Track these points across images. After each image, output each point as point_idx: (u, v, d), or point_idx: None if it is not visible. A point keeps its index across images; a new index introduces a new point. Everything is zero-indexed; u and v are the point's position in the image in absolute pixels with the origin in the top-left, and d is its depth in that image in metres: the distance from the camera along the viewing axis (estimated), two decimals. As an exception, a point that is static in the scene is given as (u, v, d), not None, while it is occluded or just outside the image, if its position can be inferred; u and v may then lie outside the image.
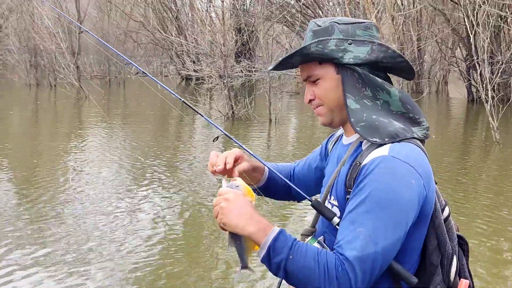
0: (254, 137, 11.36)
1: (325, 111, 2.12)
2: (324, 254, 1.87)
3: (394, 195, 1.89)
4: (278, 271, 1.88)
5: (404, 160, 1.95)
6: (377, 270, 1.91)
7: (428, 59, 22.88)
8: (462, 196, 6.67)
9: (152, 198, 6.47)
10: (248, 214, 1.85)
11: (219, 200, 1.86)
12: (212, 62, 14.35)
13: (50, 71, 21.56)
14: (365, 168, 1.97)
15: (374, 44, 2.03)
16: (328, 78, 2.05)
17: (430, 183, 2.00)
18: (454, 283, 2.13)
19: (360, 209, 1.91)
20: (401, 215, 1.91)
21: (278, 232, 1.86)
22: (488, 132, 10.87)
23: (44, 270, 4.29)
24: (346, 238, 1.91)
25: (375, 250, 1.85)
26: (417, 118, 2.14)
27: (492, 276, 4.15)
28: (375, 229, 1.87)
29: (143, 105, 16.12)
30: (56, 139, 10.74)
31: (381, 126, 2.02)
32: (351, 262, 1.85)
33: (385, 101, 2.09)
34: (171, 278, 4.21)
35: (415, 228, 2.02)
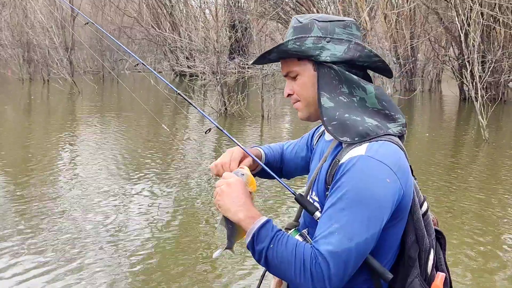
0: (247, 133, 11.41)
1: (302, 106, 2.19)
2: (302, 247, 1.94)
3: (369, 193, 1.96)
4: (260, 259, 1.95)
5: (380, 159, 2.01)
6: (351, 265, 1.97)
7: (421, 58, 22.97)
8: (452, 192, 6.76)
9: (145, 191, 6.52)
10: (241, 202, 1.94)
11: (221, 183, 1.95)
12: (206, 58, 14.38)
13: (43, 66, 21.50)
14: (343, 166, 2.03)
15: (351, 43, 2.09)
16: (306, 74, 2.11)
17: (407, 180, 2.06)
18: (431, 275, 2.21)
19: (337, 206, 1.98)
20: (375, 213, 1.98)
21: (265, 221, 1.94)
22: (478, 130, 10.96)
23: (34, 262, 4.34)
24: (322, 233, 1.98)
25: (349, 246, 1.92)
26: (392, 114, 2.20)
27: (481, 271, 4.22)
28: (350, 226, 1.94)
29: (137, 101, 16.12)
30: (50, 134, 10.75)
31: (352, 125, 2.08)
32: (325, 256, 1.91)
33: (361, 97, 2.14)
34: (162, 269, 4.27)
35: (393, 224, 2.09)
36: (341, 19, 2.14)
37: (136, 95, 16.61)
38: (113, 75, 23.06)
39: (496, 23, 16.24)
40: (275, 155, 2.60)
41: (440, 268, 2.27)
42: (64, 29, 22.35)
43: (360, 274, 2.14)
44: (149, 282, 4.04)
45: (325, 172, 2.13)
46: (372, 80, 2.29)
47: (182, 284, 4.04)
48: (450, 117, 15.71)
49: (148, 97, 16.72)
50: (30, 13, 21.67)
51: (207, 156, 8.93)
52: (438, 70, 23.13)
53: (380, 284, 2.16)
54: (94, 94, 18.03)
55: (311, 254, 1.93)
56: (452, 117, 15.62)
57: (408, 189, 2.08)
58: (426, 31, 20.23)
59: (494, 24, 16.18)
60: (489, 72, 13.29)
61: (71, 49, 20.74)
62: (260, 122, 12.68)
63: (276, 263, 1.93)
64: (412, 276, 2.12)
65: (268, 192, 6.59)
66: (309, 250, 1.95)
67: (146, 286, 3.98)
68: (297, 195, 2.23)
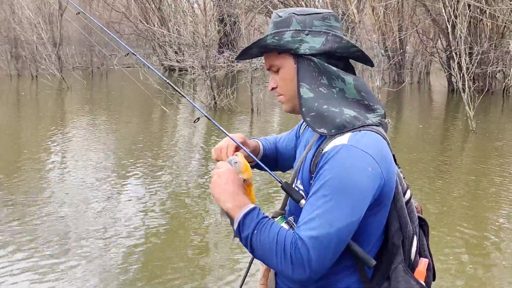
0: (237, 127, 11.44)
1: (285, 99, 2.24)
2: (283, 233, 2.00)
3: (350, 181, 2.02)
4: (246, 245, 2.01)
5: (362, 148, 2.07)
6: (331, 251, 2.02)
7: (410, 50, 23.06)
8: (440, 182, 6.84)
9: (136, 182, 6.58)
10: (230, 191, 1.99)
11: (214, 173, 2.01)
12: (194, 52, 14.37)
13: (32, 62, 21.35)
14: (326, 155, 2.09)
15: (329, 35, 2.14)
16: (287, 67, 2.16)
17: (389, 169, 2.12)
18: (414, 261, 2.27)
19: (318, 193, 2.04)
20: (356, 200, 2.03)
21: (250, 209, 1.99)
22: (466, 121, 11.07)
23: (24, 252, 4.36)
24: (304, 219, 2.04)
25: (329, 231, 1.98)
26: (371, 105, 2.25)
27: (467, 258, 4.30)
28: (330, 212, 2.00)
29: (127, 95, 16.09)
30: (39, 129, 10.73)
31: (329, 117, 2.13)
32: (305, 241, 1.97)
33: (340, 89, 2.20)
34: (153, 259, 4.31)
35: (375, 212, 2.15)
36: (320, 11, 2.19)
37: (127, 90, 16.58)
38: (102, 70, 23.00)
39: (483, 14, 16.34)
40: (271, 147, 2.66)
41: (424, 254, 2.33)
42: (52, 25, 22.20)
43: (344, 260, 2.20)
44: (142, 271, 4.08)
45: (309, 161, 2.18)
46: (354, 70, 2.34)
47: (175, 272, 4.08)
48: (438, 108, 15.83)
49: (139, 91, 16.66)
50: (18, 9, 21.50)
51: (197, 147, 8.96)
52: (426, 62, 23.23)
53: (364, 271, 2.22)
54: (84, 90, 17.96)
55: (291, 240, 1.99)
56: (440, 108, 15.73)
57: (390, 178, 2.13)
58: (414, 23, 20.29)
59: (481, 15, 16.28)
60: (476, 63, 13.41)
61: (59, 45, 20.60)
62: (250, 116, 12.71)
63: (260, 249, 1.99)
64: (396, 263, 2.18)
65: (260, 181, 6.65)
66: (290, 236, 2.00)
67: (138, 276, 4.01)
68: (283, 184, 2.29)
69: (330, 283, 2.23)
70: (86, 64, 24.94)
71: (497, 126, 11.93)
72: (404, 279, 2.16)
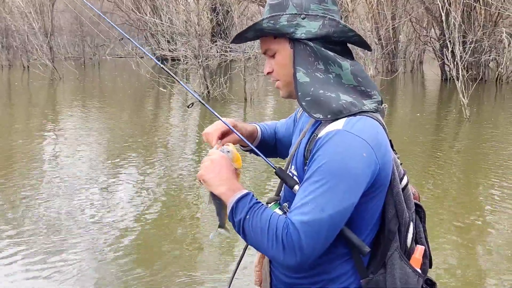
0: (230, 116, 11.40)
1: (281, 85, 2.20)
2: (276, 218, 1.96)
3: (344, 167, 1.98)
4: (239, 230, 1.98)
5: (357, 134, 2.03)
6: (323, 236, 1.99)
7: (403, 39, 23.02)
8: (435, 169, 6.84)
9: (129, 173, 6.53)
10: (224, 176, 1.96)
11: (206, 159, 1.98)
12: (187, 41, 14.27)
13: (23, 52, 21.20)
14: (320, 140, 2.05)
15: (326, 19, 2.09)
16: (283, 52, 2.11)
17: (385, 155, 2.08)
18: (410, 248, 2.24)
19: (312, 178, 2.00)
20: (350, 186, 1.99)
21: (244, 193, 1.95)
22: (460, 109, 11.07)
23: (16, 244, 4.32)
24: (296, 204, 2.01)
25: (321, 216, 1.94)
26: (368, 91, 2.21)
27: (459, 245, 4.29)
28: (322, 197, 1.96)
29: (119, 85, 16.00)
30: (31, 119, 10.65)
31: (325, 102, 2.09)
32: (296, 226, 1.94)
33: (337, 74, 2.15)
34: (146, 248, 4.28)
35: (370, 198, 2.11)
36: None
37: (120, 80, 16.49)
38: (94, 61, 22.87)
39: (476, 2, 16.31)
40: (270, 133, 2.62)
41: (420, 241, 2.30)
42: (43, 14, 21.99)
43: (338, 248, 2.16)
44: (137, 260, 4.05)
45: (304, 147, 2.15)
46: (352, 54, 2.29)
47: (171, 260, 4.05)
48: (432, 97, 15.84)
49: (132, 81, 16.61)
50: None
51: (191, 135, 8.92)
52: (420, 51, 23.21)
53: (360, 259, 2.19)
54: (76, 80, 17.85)
55: (283, 225, 1.95)
56: (434, 97, 15.74)
57: (385, 164, 2.09)
58: (408, 12, 20.25)
59: (474, 3, 16.25)
60: (470, 51, 13.39)
61: (51, 35, 20.43)
62: (243, 105, 12.66)
63: (252, 234, 1.95)
64: (392, 250, 2.15)
65: (256, 167, 6.63)
66: (282, 221, 1.97)
67: (134, 265, 3.98)
68: (277, 169, 2.25)
69: (324, 271, 2.20)
70: (78, 54, 24.77)
71: (490, 114, 11.94)
72: (399, 266, 2.13)
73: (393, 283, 2.11)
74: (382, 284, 2.13)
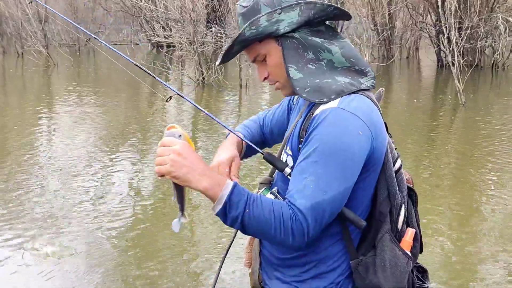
0: (225, 102, 11.37)
1: (281, 85, 2.17)
2: (278, 206, 1.95)
3: (342, 146, 1.97)
4: (234, 223, 1.94)
5: (352, 112, 2.02)
6: (327, 217, 1.99)
7: (399, 25, 22.93)
8: (430, 154, 6.85)
9: (125, 160, 6.50)
10: (200, 169, 1.85)
11: (166, 151, 1.82)
12: (182, 28, 14.19)
13: (17, 39, 21.02)
14: (315, 119, 2.04)
15: (301, 5, 2.06)
16: (273, 52, 2.09)
17: (379, 134, 2.08)
18: (401, 231, 2.24)
19: (309, 159, 1.99)
20: (348, 166, 1.99)
21: (233, 186, 1.92)
22: (455, 95, 11.07)
23: (11, 231, 4.31)
24: (296, 187, 1.99)
25: (323, 198, 1.94)
26: (362, 69, 2.21)
27: (454, 228, 4.30)
28: (324, 178, 1.95)
29: (115, 73, 15.92)
30: (27, 106, 10.59)
31: (325, 87, 2.08)
32: (302, 212, 1.93)
33: (328, 60, 2.14)
34: (141, 237, 4.27)
35: (363, 178, 2.10)
36: None
37: (114, 68, 16.41)
38: (89, 48, 22.71)
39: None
40: (254, 135, 2.58)
41: (411, 224, 2.30)
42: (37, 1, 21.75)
43: (331, 227, 2.16)
44: (132, 250, 4.05)
45: (300, 126, 2.13)
46: (337, 30, 2.27)
47: (166, 250, 4.05)
48: (428, 83, 15.82)
49: (127, 68, 16.47)
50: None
51: (186, 119, 8.90)
52: (415, 38, 23.13)
53: (350, 240, 2.19)
54: (71, 67, 17.74)
55: (289, 212, 1.94)
56: (430, 83, 15.73)
57: (380, 143, 2.09)
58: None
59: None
60: (466, 38, 13.35)
61: (45, 21, 20.26)
62: (239, 91, 12.62)
63: (254, 226, 1.93)
64: (383, 232, 2.15)
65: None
66: (286, 208, 1.95)
67: (130, 253, 3.99)
68: (265, 154, 2.24)
69: (315, 251, 2.20)
70: (72, 41, 24.59)
71: (486, 100, 11.95)
72: (390, 248, 2.13)
73: (383, 265, 2.11)
74: (372, 266, 2.13)
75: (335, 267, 2.19)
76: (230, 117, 9.56)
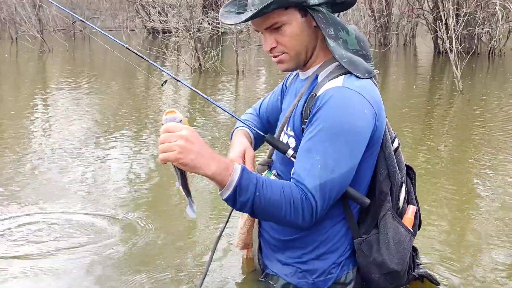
0: (222, 88, 11.32)
1: (289, 57, 2.17)
2: (288, 188, 1.95)
3: (348, 125, 1.97)
4: (243, 208, 1.92)
5: (357, 90, 2.03)
6: (334, 195, 2.00)
7: (396, 12, 22.85)
8: (428, 139, 6.86)
9: (123, 143, 6.49)
10: (208, 154, 1.82)
11: (172, 138, 1.76)
12: (178, 13, 14.10)
13: (11, 24, 20.86)
14: (320, 98, 2.04)
15: None
16: (294, 23, 2.09)
17: (380, 113, 2.10)
18: (402, 209, 2.26)
19: (316, 138, 1.98)
20: (355, 144, 2.00)
21: (241, 170, 1.89)
22: (452, 82, 11.07)
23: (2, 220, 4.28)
24: (304, 166, 1.99)
25: (332, 177, 1.95)
26: (368, 54, 2.24)
27: (455, 210, 4.31)
28: (331, 157, 1.96)
29: (110, 59, 15.84)
30: (21, 91, 10.54)
31: (358, 64, 2.10)
32: (311, 191, 1.94)
33: (344, 40, 2.15)
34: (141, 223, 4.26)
35: (365, 156, 2.11)
36: None
37: (110, 54, 16.32)
38: (84, 34, 22.55)
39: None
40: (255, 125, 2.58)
41: (411, 202, 2.33)
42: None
43: (333, 209, 2.16)
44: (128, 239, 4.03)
45: (302, 107, 2.13)
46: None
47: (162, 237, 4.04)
48: (425, 70, 15.81)
49: (123, 54, 16.37)
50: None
51: (183, 103, 8.85)
52: (412, 24, 23.08)
53: (353, 219, 2.19)
54: (66, 52, 17.63)
55: (299, 193, 1.94)
56: (427, 70, 15.72)
57: (381, 122, 2.10)
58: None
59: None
60: (464, 24, 13.32)
61: (40, 6, 20.08)
62: (235, 77, 12.57)
63: (264, 209, 1.93)
64: (384, 210, 2.17)
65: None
66: (296, 190, 1.96)
67: (128, 242, 3.97)
68: (267, 136, 2.24)
69: (317, 233, 2.20)
70: (67, 26, 24.41)
71: (483, 86, 11.95)
72: (392, 226, 2.15)
73: (387, 243, 2.13)
74: (376, 243, 2.14)
75: (336, 248, 2.20)
76: (227, 103, 9.52)
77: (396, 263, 2.13)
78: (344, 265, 2.25)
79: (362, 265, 2.22)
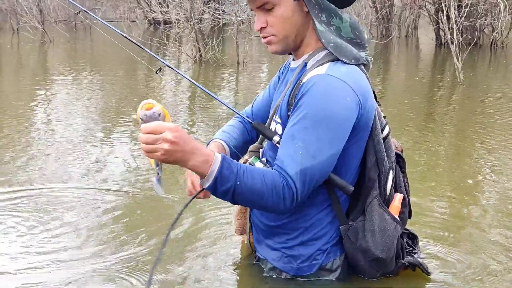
0: (223, 80, 11.31)
1: (278, 39, 2.18)
2: (269, 175, 1.96)
3: (330, 112, 1.99)
4: (225, 196, 1.95)
5: (340, 78, 2.03)
6: (315, 182, 2.02)
7: (398, 4, 22.77)
8: (428, 130, 6.86)
9: (124, 134, 6.50)
10: (189, 148, 1.84)
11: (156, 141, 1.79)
12: (179, 4, 14.07)
13: (12, 15, 20.83)
14: (304, 86, 2.05)
15: None
16: (285, 5, 2.09)
17: (367, 100, 2.09)
18: (390, 196, 2.26)
19: (299, 125, 2.00)
20: (337, 131, 2.01)
21: (221, 160, 1.91)
22: (454, 73, 11.04)
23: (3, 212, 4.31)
24: (287, 152, 2.01)
25: (312, 163, 1.96)
26: (363, 43, 2.23)
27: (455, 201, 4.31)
28: (312, 145, 1.97)
29: (112, 50, 15.82)
30: (22, 83, 10.54)
31: (346, 50, 2.10)
32: (292, 178, 1.95)
33: (337, 27, 2.15)
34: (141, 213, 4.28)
35: (351, 144, 2.12)
36: None
37: (110, 45, 16.30)
38: (85, 24, 22.53)
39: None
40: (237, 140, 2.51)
41: (399, 190, 2.33)
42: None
43: (319, 196, 2.18)
44: (129, 229, 4.06)
45: (288, 94, 2.14)
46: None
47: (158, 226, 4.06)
48: (426, 61, 15.77)
49: (124, 44, 16.35)
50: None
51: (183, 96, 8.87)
52: (414, 16, 22.99)
53: (340, 206, 2.20)
54: (67, 44, 17.62)
55: (280, 180, 1.96)
56: (428, 61, 15.67)
57: (367, 109, 2.10)
58: (403, -25, 20.00)
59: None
60: (465, 15, 13.27)
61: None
62: (236, 68, 12.56)
63: (246, 196, 1.95)
64: (371, 197, 2.18)
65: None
66: (277, 176, 1.97)
67: (128, 235, 3.99)
68: (254, 123, 2.26)
69: (302, 220, 2.22)
70: (69, 17, 24.38)
71: (484, 78, 11.91)
72: (378, 213, 2.16)
73: (372, 230, 2.15)
74: (361, 230, 2.16)
75: (322, 235, 2.22)
76: (228, 94, 9.52)
77: (381, 250, 2.15)
78: (330, 252, 2.27)
79: (348, 252, 2.24)
